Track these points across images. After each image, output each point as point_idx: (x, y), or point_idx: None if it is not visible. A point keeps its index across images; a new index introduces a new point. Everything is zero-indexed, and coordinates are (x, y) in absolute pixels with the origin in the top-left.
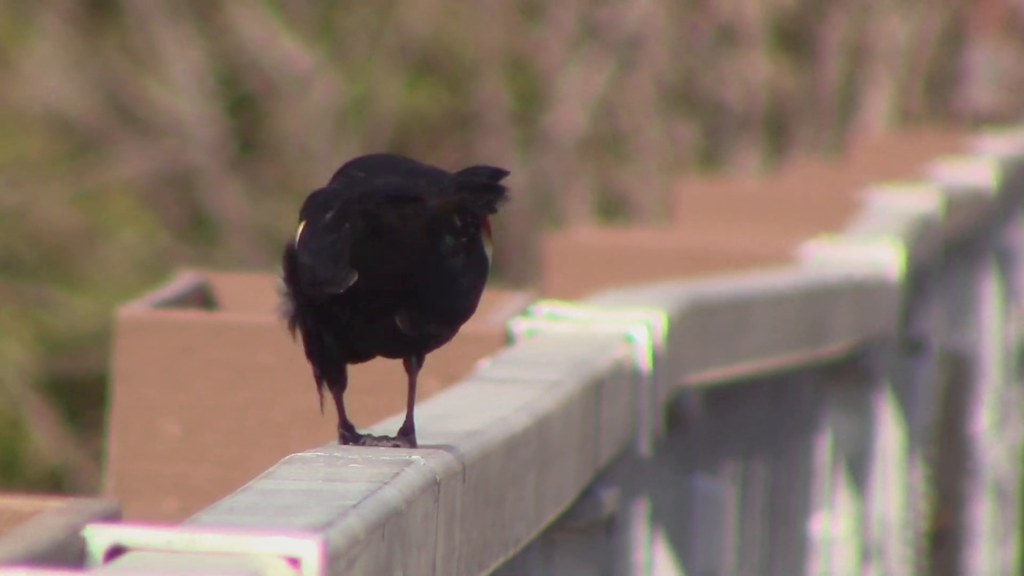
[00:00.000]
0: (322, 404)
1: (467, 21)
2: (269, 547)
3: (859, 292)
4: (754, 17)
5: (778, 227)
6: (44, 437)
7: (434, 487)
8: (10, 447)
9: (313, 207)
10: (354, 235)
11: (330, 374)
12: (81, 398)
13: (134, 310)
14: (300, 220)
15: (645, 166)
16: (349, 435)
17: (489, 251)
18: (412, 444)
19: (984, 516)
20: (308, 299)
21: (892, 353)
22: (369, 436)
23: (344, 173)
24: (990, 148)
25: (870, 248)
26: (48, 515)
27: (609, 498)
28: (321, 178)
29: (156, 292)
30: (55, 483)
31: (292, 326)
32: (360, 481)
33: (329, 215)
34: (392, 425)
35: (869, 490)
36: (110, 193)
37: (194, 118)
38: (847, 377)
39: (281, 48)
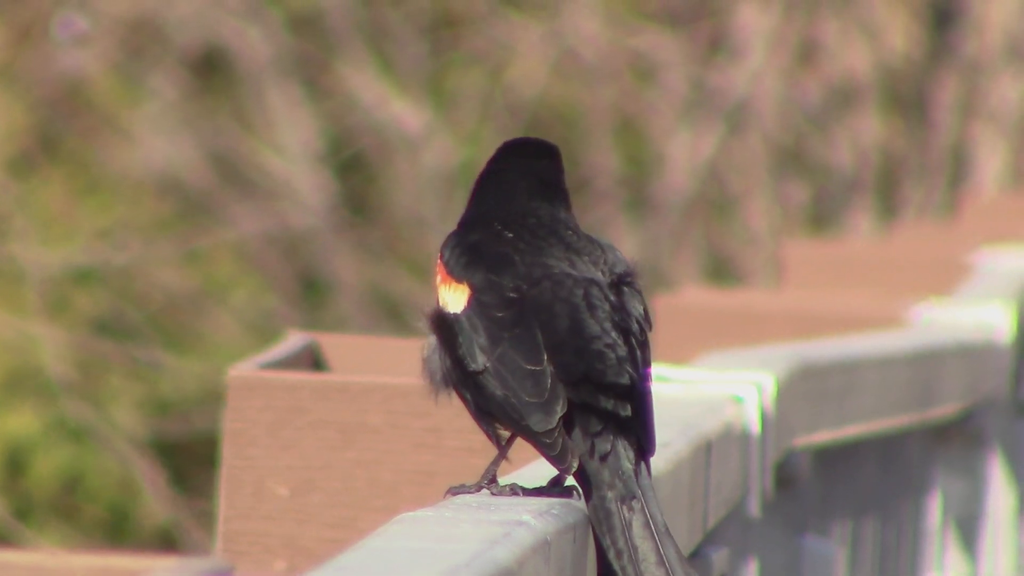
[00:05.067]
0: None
1: (577, 84)
2: None
3: (969, 354)
4: (865, 77)
5: (888, 289)
6: (155, 498)
7: (545, 547)
8: (121, 508)
9: (483, 292)
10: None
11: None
12: (191, 460)
13: (244, 370)
14: (450, 273)
15: (754, 228)
16: (496, 487)
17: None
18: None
19: None
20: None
21: (1003, 415)
22: (514, 485)
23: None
24: None
25: (980, 310)
26: (159, 574)
27: (719, 559)
28: (431, 240)
29: (266, 353)
30: (165, 544)
31: (441, 393)
32: (472, 540)
33: (533, 365)
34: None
35: (980, 551)
36: (219, 256)
37: (303, 180)
38: (957, 439)
39: (391, 110)
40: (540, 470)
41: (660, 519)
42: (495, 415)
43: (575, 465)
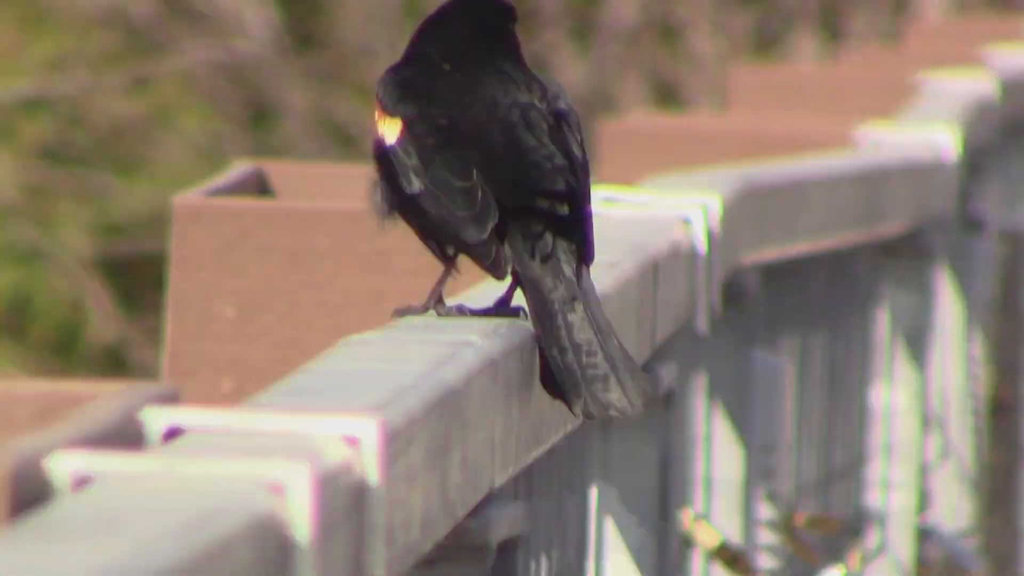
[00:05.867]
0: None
1: None
2: (328, 428)
3: (916, 173)
4: None
5: (834, 112)
6: (103, 319)
7: (492, 367)
8: (71, 329)
9: (415, 122)
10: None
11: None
12: (140, 281)
13: (189, 199)
14: (384, 109)
15: (700, 54)
16: (444, 307)
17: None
18: (513, 312)
19: None
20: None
21: (950, 232)
22: (461, 305)
23: (425, 58)
24: None
25: (926, 131)
26: (106, 398)
27: (668, 373)
28: (379, 67)
29: (212, 182)
30: (114, 363)
31: (386, 220)
32: (418, 362)
33: (463, 182)
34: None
35: (929, 363)
36: (167, 85)
37: (249, 9)
38: (905, 255)
39: None
40: (489, 290)
41: (603, 319)
42: (436, 235)
43: (508, 272)
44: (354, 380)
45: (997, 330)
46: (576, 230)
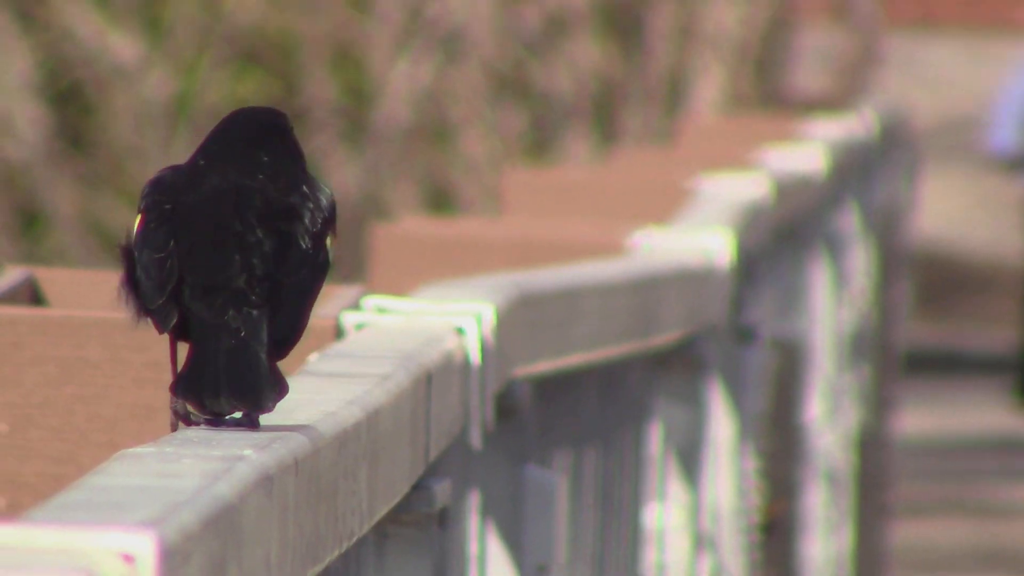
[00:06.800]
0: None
1: (294, 12)
2: (103, 543)
3: (689, 281)
4: (581, 3)
5: (608, 216)
6: None
7: (267, 482)
8: None
9: (149, 212)
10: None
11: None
12: None
13: None
14: (138, 212)
15: (473, 157)
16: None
17: (332, 253)
18: (255, 425)
19: (817, 504)
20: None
21: (723, 341)
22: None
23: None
24: (820, 133)
25: (700, 236)
26: None
27: (441, 491)
28: (150, 171)
29: None
30: None
31: (137, 321)
32: (193, 476)
33: (158, 253)
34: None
35: (702, 480)
36: None
37: (19, 112)
38: (678, 366)
39: (106, 41)
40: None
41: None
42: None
43: (168, 326)
44: (129, 495)
45: (770, 444)
46: (256, 306)
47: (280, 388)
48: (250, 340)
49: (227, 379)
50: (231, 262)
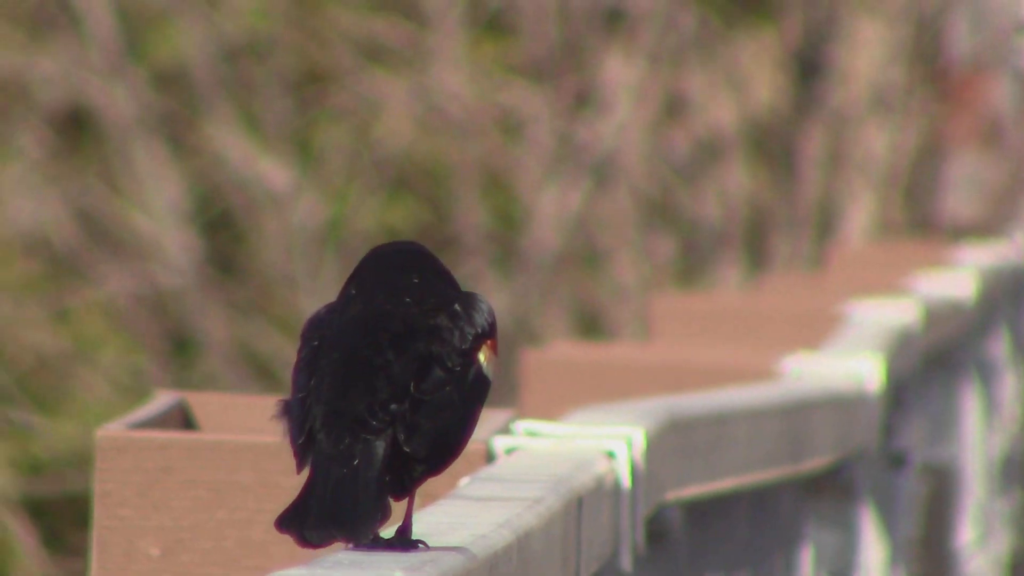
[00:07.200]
0: None
1: (444, 139)
2: None
3: (839, 406)
4: (731, 130)
5: (757, 341)
6: (28, 558)
7: None
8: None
9: (300, 352)
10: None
11: None
12: (65, 520)
13: (113, 431)
14: (296, 352)
15: (623, 283)
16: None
17: (488, 368)
18: (408, 546)
19: None
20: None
21: (873, 467)
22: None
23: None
24: (969, 259)
25: (850, 361)
26: None
27: None
28: (300, 298)
29: (135, 413)
30: None
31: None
32: None
33: (300, 393)
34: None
35: None
36: (88, 316)
37: (171, 239)
38: (828, 491)
39: (257, 167)
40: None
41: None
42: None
43: (304, 465)
44: None
45: (921, 569)
46: (376, 431)
47: (383, 515)
48: (362, 469)
49: (329, 511)
50: (353, 387)
